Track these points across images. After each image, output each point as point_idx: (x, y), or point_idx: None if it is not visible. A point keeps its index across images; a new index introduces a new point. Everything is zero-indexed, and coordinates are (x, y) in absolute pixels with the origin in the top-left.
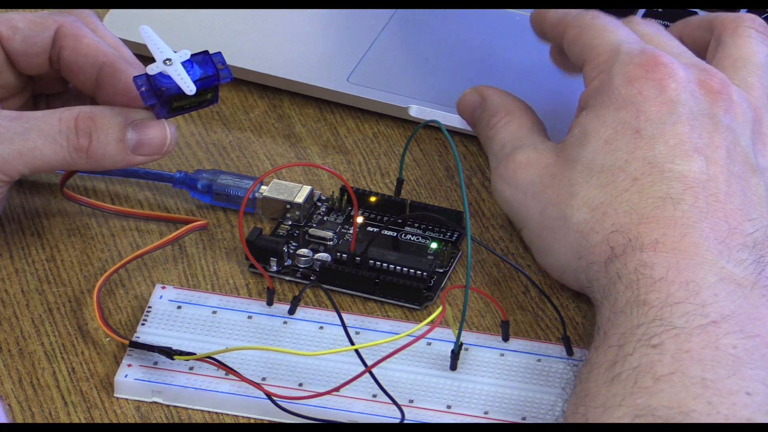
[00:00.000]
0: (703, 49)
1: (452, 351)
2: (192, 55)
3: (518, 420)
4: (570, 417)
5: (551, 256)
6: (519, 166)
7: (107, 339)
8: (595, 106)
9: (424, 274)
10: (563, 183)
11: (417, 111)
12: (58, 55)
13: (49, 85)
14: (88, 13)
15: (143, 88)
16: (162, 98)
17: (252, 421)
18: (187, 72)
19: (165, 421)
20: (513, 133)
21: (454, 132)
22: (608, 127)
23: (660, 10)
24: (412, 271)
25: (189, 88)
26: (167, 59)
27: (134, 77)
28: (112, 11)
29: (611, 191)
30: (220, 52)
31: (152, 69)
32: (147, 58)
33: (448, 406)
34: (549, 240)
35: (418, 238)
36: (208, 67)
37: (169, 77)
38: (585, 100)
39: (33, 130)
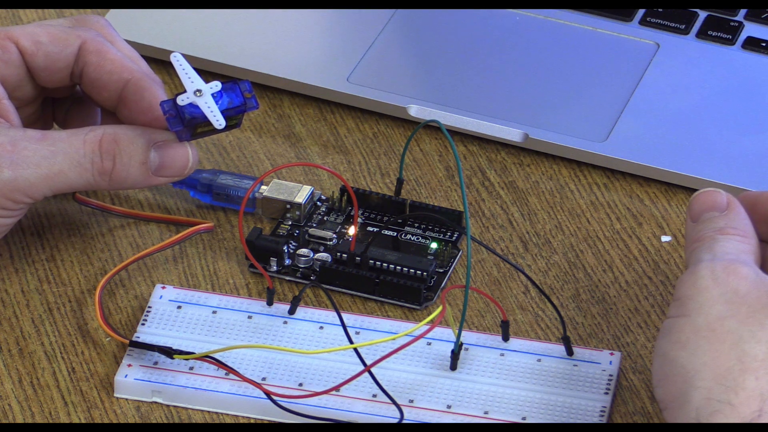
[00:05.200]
0: None
1: (452, 351)
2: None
3: (518, 420)
4: None
5: (688, 356)
6: (738, 274)
7: (107, 339)
8: None
9: (424, 274)
10: (759, 312)
11: (417, 111)
12: (81, 71)
13: (57, 91)
14: (104, 24)
15: (170, 114)
16: (188, 125)
17: (252, 421)
18: (216, 101)
19: (165, 421)
20: (743, 251)
21: (454, 132)
22: None
23: (660, 10)
24: (412, 271)
25: (219, 122)
26: (198, 90)
27: (161, 102)
28: (112, 11)
29: None
30: (248, 81)
31: (182, 99)
32: (148, 59)
33: (448, 406)
34: (701, 345)
35: (418, 238)
36: (236, 96)
37: (197, 107)
38: None
39: (59, 153)
